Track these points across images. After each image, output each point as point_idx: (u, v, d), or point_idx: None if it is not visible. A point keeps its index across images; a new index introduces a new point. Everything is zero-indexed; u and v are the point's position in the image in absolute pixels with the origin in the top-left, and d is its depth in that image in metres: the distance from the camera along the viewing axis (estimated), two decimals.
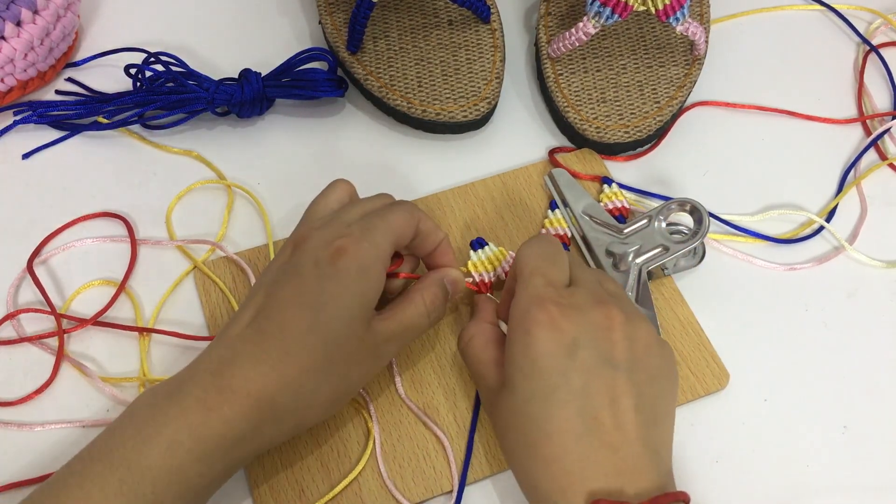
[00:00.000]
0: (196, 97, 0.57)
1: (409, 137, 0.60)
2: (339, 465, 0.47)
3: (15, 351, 0.51)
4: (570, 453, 0.40)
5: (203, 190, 0.57)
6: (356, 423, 0.48)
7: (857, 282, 0.55)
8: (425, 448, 0.47)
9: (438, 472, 0.47)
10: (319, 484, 0.46)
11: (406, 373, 0.50)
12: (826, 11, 0.69)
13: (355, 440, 0.47)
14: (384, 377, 0.49)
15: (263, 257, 0.54)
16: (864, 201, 0.58)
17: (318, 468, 0.47)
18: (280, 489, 0.46)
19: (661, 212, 0.52)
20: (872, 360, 0.52)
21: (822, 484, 0.48)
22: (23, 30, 0.57)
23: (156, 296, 0.53)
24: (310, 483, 0.46)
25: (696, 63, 0.61)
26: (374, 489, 0.46)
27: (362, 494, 0.46)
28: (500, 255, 0.53)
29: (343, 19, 0.62)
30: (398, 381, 0.49)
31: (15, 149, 0.59)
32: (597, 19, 0.56)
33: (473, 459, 0.47)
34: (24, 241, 0.54)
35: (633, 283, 0.51)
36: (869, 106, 0.64)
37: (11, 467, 0.47)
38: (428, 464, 0.47)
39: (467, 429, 0.48)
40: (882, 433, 0.50)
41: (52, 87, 0.62)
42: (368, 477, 0.46)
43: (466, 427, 0.48)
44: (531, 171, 0.58)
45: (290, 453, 0.47)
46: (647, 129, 0.58)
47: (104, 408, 0.49)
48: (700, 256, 0.54)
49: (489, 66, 0.60)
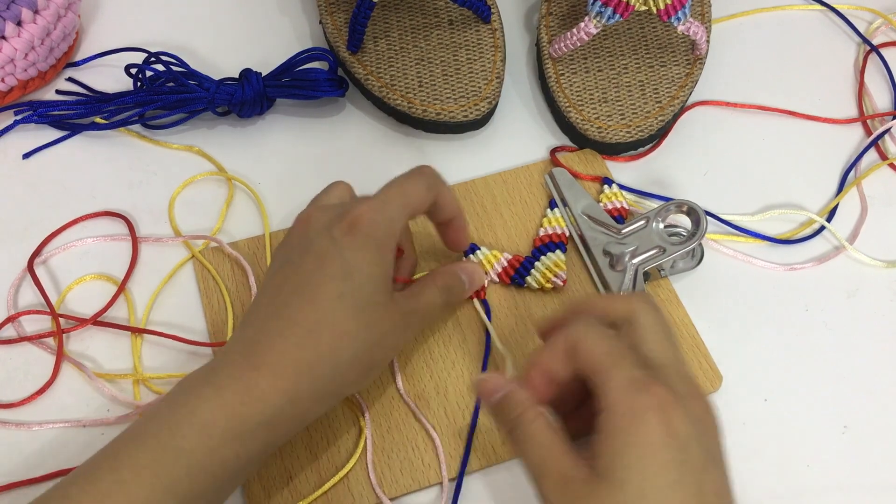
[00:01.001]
0: (197, 97, 0.57)
1: (410, 137, 0.60)
2: (329, 457, 0.47)
3: (15, 351, 0.51)
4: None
5: (203, 185, 0.57)
6: (346, 415, 0.48)
7: (857, 282, 0.55)
8: (414, 441, 0.48)
9: (427, 464, 0.47)
10: (309, 474, 0.46)
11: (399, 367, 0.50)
12: (826, 11, 0.69)
13: (345, 431, 0.48)
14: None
15: (260, 247, 0.54)
16: (865, 201, 0.58)
17: (307, 458, 0.47)
18: (270, 478, 0.46)
19: (660, 213, 0.53)
20: (872, 360, 0.52)
21: (822, 484, 0.48)
22: (23, 29, 0.57)
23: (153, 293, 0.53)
24: (299, 472, 0.46)
25: (698, 63, 0.61)
26: (362, 480, 0.46)
27: (350, 485, 0.46)
28: (493, 257, 0.53)
29: (343, 19, 0.62)
30: (399, 377, 0.49)
31: (15, 149, 0.59)
32: (598, 19, 0.56)
33: (476, 449, 0.48)
34: (25, 241, 0.54)
35: (630, 283, 0.51)
36: (869, 106, 0.64)
37: (12, 467, 0.47)
38: (416, 455, 0.47)
39: (457, 422, 0.48)
40: (882, 433, 0.50)
41: (53, 87, 0.62)
42: (357, 469, 0.47)
43: (456, 421, 0.48)
44: (532, 170, 0.58)
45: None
46: (648, 128, 0.58)
47: (104, 407, 0.49)
48: (698, 259, 0.54)
49: (490, 65, 0.60)
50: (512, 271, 0.53)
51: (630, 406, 0.37)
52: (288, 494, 0.46)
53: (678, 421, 0.37)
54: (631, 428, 0.36)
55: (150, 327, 0.51)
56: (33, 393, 0.49)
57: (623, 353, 0.39)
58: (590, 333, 0.40)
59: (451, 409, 0.49)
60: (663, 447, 0.36)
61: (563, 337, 0.40)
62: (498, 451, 0.48)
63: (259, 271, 0.53)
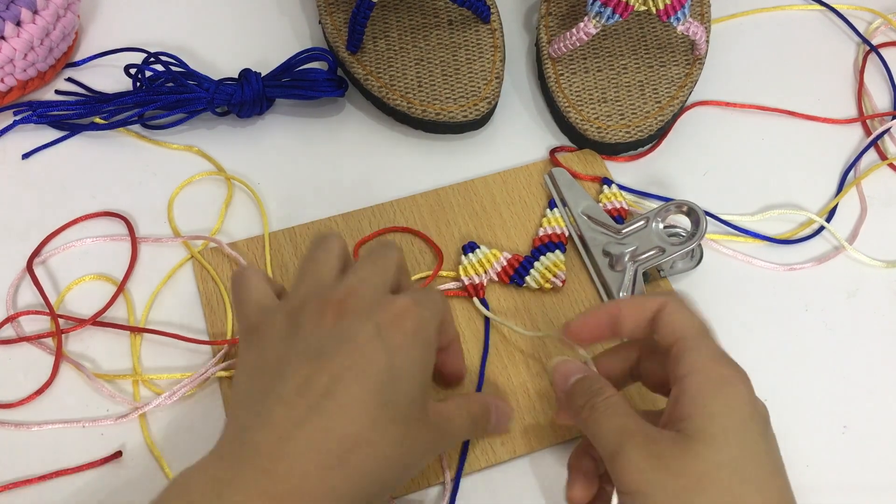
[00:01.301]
0: (196, 97, 0.57)
1: (409, 137, 0.60)
2: None
3: (14, 351, 0.51)
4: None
5: (202, 185, 0.57)
6: None
7: (857, 282, 0.55)
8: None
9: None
10: None
11: None
12: (826, 11, 0.69)
13: None
14: None
15: (260, 247, 0.54)
16: (864, 201, 0.58)
17: None
18: None
19: (659, 213, 0.52)
20: (872, 360, 0.52)
21: (822, 484, 0.48)
22: (23, 30, 0.57)
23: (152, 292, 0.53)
24: None
25: (697, 63, 0.61)
26: None
27: None
28: (493, 256, 0.53)
29: (343, 19, 0.62)
30: None
31: (15, 149, 0.59)
32: (598, 19, 0.56)
33: (475, 449, 0.47)
34: (24, 241, 0.54)
35: (629, 283, 0.51)
36: (869, 106, 0.64)
37: (10, 467, 0.47)
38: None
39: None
40: (882, 433, 0.50)
41: (52, 87, 0.62)
42: None
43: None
44: (531, 170, 0.58)
45: None
46: (648, 128, 0.58)
47: (103, 407, 0.49)
48: (697, 259, 0.54)
49: (489, 66, 0.60)
50: (511, 271, 0.53)
51: (721, 374, 0.38)
52: None
53: (758, 400, 0.39)
54: (725, 393, 0.37)
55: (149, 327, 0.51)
56: (32, 393, 0.49)
57: (707, 328, 0.40)
58: (678, 303, 0.41)
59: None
60: (753, 417, 0.37)
61: (651, 303, 0.41)
62: (497, 452, 0.48)
63: None
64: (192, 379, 0.49)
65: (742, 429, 0.37)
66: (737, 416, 0.37)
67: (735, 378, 0.38)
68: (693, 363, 0.38)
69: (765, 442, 0.37)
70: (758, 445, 0.37)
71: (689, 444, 0.36)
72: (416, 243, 0.55)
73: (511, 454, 0.47)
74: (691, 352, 0.39)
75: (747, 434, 0.37)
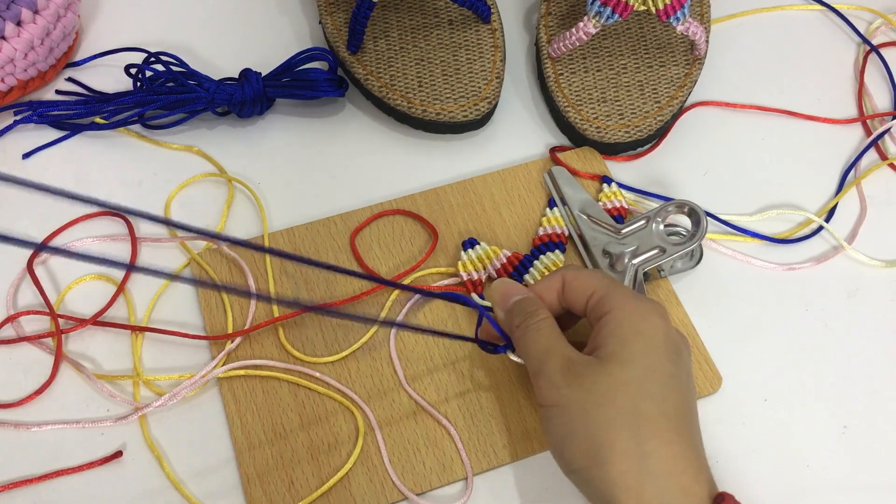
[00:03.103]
0: (196, 97, 0.57)
1: (410, 137, 0.60)
2: (329, 459, 0.47)
3: (14, 351, 0.51)
4: (685, 436, 0.40)
5: (202, 186, 0.57)
6: (346, 418, 0.48)
7: (857, 282, 0.55)
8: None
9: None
10: (310, 477, 0.46)
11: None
12: (826, 11, 0.69)
13: (346, 434, 0.48)
14: (376, 373, 0.50)
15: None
16: (864, 201, 0.58)
17: (308, 461, 0.47)
18: (270, 482, 0.46)
19: (660, 213, 0.52)
20: (872, 360, 0.52)
21: (821, 484, 0.48)
22: (23, 30, 0.57)
23: (155, 293, 0.53)
24: (300, 475, 0.46)
25: (697, 63, 0.61)
26: (363, 483, 0.46)
27: (351, 489, 0.46)
28: (492, 253, 0.53)
29: (343, 19, 0.62)
30: (401, 373, 0.50)
31: (15, 149, 0.59)
32: (597, 19, 0.56)
33: (478, 451, 0.48)
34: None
35: (629, 283, 0.51)
36: (869, 106, 0.64)
37: (10, 467, 0.47)
38: (418, 459, 0.47)
39: (456, 421, 0.48)
40: (882, 433, 0.50)
41: (53, 87, 0.62)
42: (358, 471, 0.47)
43: (455, 419, 0.48)
44: (531, 168, 0.58)
45: (281, 446, 0.47)
46: (647, 128, 0.58)
47: (103, 407, 0.49)
48: (697, 259, 0.54)
49: (489, 65, 0.60)
50: (511, 268, 0.53)
51: (636, 307, 0.42)
52: (288, 496, 0.46)
53: (673, 330, 0.43)
54: (638, 321, 0.42)
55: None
56: (32, 393, 0.49)
57: (615, 279, 0.45)
58: (575, 270, 0.46)
59: (451, 411, 0.49)
60: (665, 343, 0.42)
61: (553, 281, 0.46)
62: (499, 454, 0.48)
63: (257, 272, 0.53)
64: (193, 380, 0.49)
65: (651, 352, 0.41)
66: (648, 342, 0.41)
67: (650, 311, 0.42)
68: (611, 302, 0.43)
69: (672, 365, 0.41)
70: (663, 367, 0.41)
71: (601, 365, 0.41)
72: (408, 225, 0.55)
73: (513, 457, 0.48)
74: (607, 296, 0.43)
75: (655, 356, 0.41)
